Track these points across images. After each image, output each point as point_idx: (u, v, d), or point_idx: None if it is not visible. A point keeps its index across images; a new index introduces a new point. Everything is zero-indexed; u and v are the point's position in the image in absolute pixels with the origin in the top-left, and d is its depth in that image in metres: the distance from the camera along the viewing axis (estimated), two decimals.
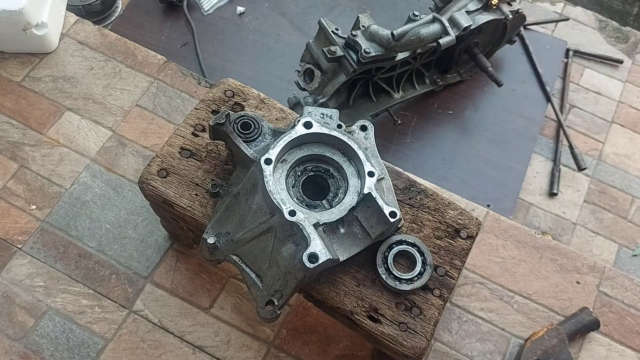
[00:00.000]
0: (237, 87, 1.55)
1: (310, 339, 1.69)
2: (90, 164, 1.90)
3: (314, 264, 1.13)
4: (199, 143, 1.46)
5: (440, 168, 2.26)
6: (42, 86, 2.02)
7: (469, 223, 1.41)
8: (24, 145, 1.92)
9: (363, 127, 1.39)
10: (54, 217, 1.81)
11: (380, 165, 1.34)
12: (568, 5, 2.74)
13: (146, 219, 1.82)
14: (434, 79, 2.34)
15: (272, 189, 1.20)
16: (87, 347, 1.64)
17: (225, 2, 2.55)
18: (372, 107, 2.20)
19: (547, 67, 2.50)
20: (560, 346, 1.66)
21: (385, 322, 1.29)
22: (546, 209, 2.22)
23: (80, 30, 2.15)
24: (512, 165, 2.29)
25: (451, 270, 1.36)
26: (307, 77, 2.05)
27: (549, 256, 1.84)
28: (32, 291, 1.71)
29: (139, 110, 2.01)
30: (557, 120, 2.40)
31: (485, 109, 2.42)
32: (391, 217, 1.21)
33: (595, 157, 2.35)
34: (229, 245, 1.29)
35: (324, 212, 1.24)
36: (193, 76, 2.09)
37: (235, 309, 1.71)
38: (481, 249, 1.84)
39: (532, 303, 1.77)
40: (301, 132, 1.28)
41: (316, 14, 2.50)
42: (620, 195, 2.26)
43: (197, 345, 1.66)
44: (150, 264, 1.76)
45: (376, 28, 1.93)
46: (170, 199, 1.40)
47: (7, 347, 1.63)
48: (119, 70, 2.07)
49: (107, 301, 1.71)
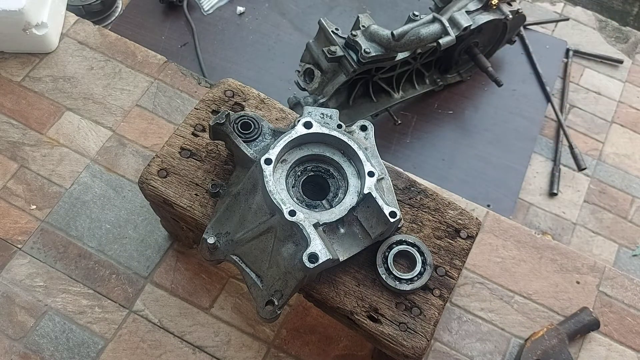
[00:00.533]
0: (237, 87, 1.55)
1: (310, 339, 1.69)
2: (90, 164, 1.90)
3: (314, 264, 1.13)
4: (199, 143, 1.46)
5: (440, 168, 2.26)
6: (42, 86, 2.02)
7: (469, 223, 1.41)
8: (24, 145, 1.92)
9: (363, 127, 1.39)
10: (54, 217, 1.81)
11: (380, 165, 1.34)
12: (568, 5, 2.74)
13: (146, 219, 1.82)
14: (434, 79, 2.34)
15: (272, 189, 1.20)
16: (87, 347, 1.64)
17: (225, 2, 2.55)
18: (372, 107, 2.20)
19: (547, 67, 2.50)
20: (561, 346, 1.66)
21: (385, 322, 1.29)
22: (546, 209, 2.22)
23: (80, 30, 2.15)
24: (512, 165, 2.29)
25: (451, 270, 1.36)
26: (307, 77, 2.05)
27: (549, 256, 1.84)
28: (32, 291, 1.71)
29: (139, 110, 2.01)
30: (557, 120, 2.40)
31: (485, 109, 2.42)
32: (391, 217, 1.21)
33: (595, 157, 2.34)
34: (229, 245, 1.29)
35: (324, 212, 1.24)
36: (193, 76, 2.09)
37: (235, 309, 1.71)
38: (481, 249, 1.84)
39: (532, 303, 1.77)
40: (301, 132, 1.28)
41: (316, 14, 2.50)
42: (620, 195, 2.26)
43: (197, 345, 1.66)
44: (150, 264, 1.76)
45: (376, 28, 1.93)
46: (170, 199, 1.40)
47: (7, 347, 1.63)
48: (119, 70, 2.07)
49: (107, 301, 1.71)
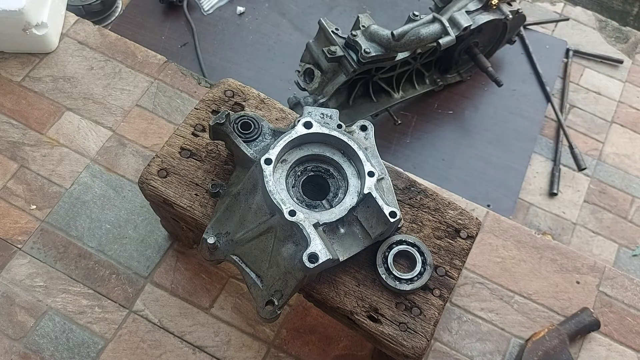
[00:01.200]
0: (237, 87, 1.55)
1: (310, 339, 1.69)
2: (90, 164, 1.90)
3: (314, 264, 1.13)
4: (199, 143, 1.46)
5: (440, 168, 2.26)
6: (42, 86, 2.02)
7: (469, 223, 1.41)
8: (24, 145, 1.92)
9: (363, 127, 1.39)
10: (54, 217, 1.81)
11: (380, 165, 1.34)
12: (568, 5, 2.74)
13: (146, 219, 1.82)
14: (434, 79, 2.34)
15: (272, 189, 1.20)
16: (87, 347, 1.64)
17: (225, 2, 2.55)
18: (372, 107, 2.20)
19: (547, 67, 2.50)
20: (561, 347, 1.66)
21: (385, 322, 1.29)
22: (546, 209, 2.22)
23: (80, 30, 2.15)
24: (512, 165, 2.29)
25: (451, 270, 1.36)
26: (307, 77, 2.04)
27: (549, 256, 1.84)
28: (32, 291, 1.71)
29: (139, 110, 2.01)
30: (557, 120, 2.40)
31: (485, 109, 2.41)
32: (391, 217, 1.21)
33: (595, 157, 2.34)
34: (229, 245, 1.29)
35: (324, 212, 1.24)
36: (193, 76, 2.09)
37: (235, 309, 1.71)
38: (481, 249, 1.84)
39: (532, 303, 1.77)
40: (301, 132, 1.28)
41: (316, 14, 2.50)
42: (620, 195, 2.26)
43: (197, 345, 1.66)
44: (150, 264, 1.76)
45: (376, 28, 1.93)
46: (170, 199, 1.40)
47: (7, 347, 1.63)
48: (119, 70, 2.07)
49: (107, 301, 1.71)
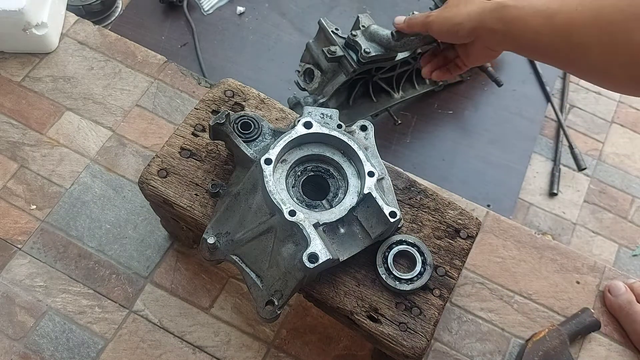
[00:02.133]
0: (237, 87, 1.55)
1: (310, 339, 1.69)
2: (90, 164, 1.90)
3: (314, 264, 1.13)
4: (199, 143, 1.46)
5: (440, 168, 2.26)
6: (42, 86, 2.02)
7: (469, 223, 1.41)
8: (24, 145, 1.91)
9: (363, 127, 1.38)
10: (54, 217, 1.81)
11: (380, 165, 1.34)
12: None
13: (146, 219, 1.82)
14: (434, 79, 2.34)
15: (272, 189, 1.20)
16: (87, 347, 1.64)
17: (225, 2, 2.55)
18: (372, 107, 2.20)
19: (547, 67, 2.49)
20: (562, 347, 1.65)
21: (385, 322, 1.29)
22: (546, 209, 2.22)
23: (80, 30, 2.15)
24: (512, 165, 2.29)
25: (451, 270, 1.36)
26: (307, 77, 2.04)
27: (549, 256, 1.84)
28: (32, 291, 1.70)
29: (139, 110, 2.01)
30: (557, 120, 2.40)
31: (485, 109, 2.41)
32: (391, 217, 1.21)
33: (595, 157, 2.34)
34: (229, 245, 1.29)
35: (324, 212, 1.24)
36: (193, 76, 2.09)
37: (235, 309, 1.71)
38: (481, 249, 1.84)
39: (532, 303, 1.77)
40: (301, 132, 1.28)
41: (316, 14, 2.50)
42: (620, 195, 2.26)
43: (197, 345, 1.66)
44: (150, 264, 1.76)
45: (376, 28, 1.93)
46: (170, 199, 1.40)
47: (7, 347, 1.63)
48: (119, 70, 2.07)
49: (107, 301, 1.71)
